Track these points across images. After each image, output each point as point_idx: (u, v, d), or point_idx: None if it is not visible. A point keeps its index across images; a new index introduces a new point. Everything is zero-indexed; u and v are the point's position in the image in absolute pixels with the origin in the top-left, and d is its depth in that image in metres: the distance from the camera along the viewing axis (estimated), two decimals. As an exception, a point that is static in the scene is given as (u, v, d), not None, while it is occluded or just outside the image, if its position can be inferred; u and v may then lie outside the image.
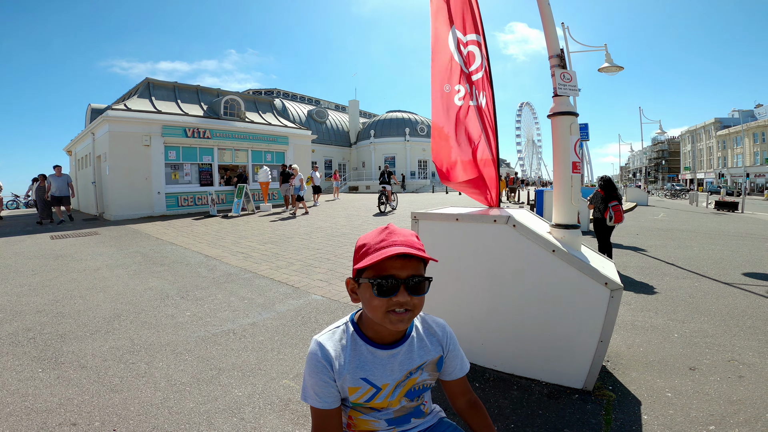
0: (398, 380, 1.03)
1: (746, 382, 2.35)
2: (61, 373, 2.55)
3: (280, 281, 4.81)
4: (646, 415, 2.04)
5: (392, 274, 0.93)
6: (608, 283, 2.13)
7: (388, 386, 1.03)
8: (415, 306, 0.96)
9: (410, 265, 0.94)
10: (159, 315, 3.63)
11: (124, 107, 12.88)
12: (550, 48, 2.54)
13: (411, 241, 0.96)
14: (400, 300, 0.93)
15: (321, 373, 0.99)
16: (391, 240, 0.96)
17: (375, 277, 0.94)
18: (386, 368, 1.03)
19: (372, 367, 1.02)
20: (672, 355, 2.75)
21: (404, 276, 0.94)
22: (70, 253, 6.80)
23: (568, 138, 2.43)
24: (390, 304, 0.94)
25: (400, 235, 0.97)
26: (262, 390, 2.33)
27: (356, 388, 1.01)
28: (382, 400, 1.03)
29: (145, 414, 2.09)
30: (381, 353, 1.03)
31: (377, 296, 0.94)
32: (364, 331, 1.05)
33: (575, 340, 2.25)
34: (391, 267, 0.93)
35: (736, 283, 4.72)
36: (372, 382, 1.01)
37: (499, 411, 2.09)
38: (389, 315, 0.95)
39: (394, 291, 0.93)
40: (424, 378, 1.07)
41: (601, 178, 6.00)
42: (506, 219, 2.35)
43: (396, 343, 1.05)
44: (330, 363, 0.99)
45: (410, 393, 1.06)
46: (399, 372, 1.03)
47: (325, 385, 0.99)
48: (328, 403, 0.99)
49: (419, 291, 0.96)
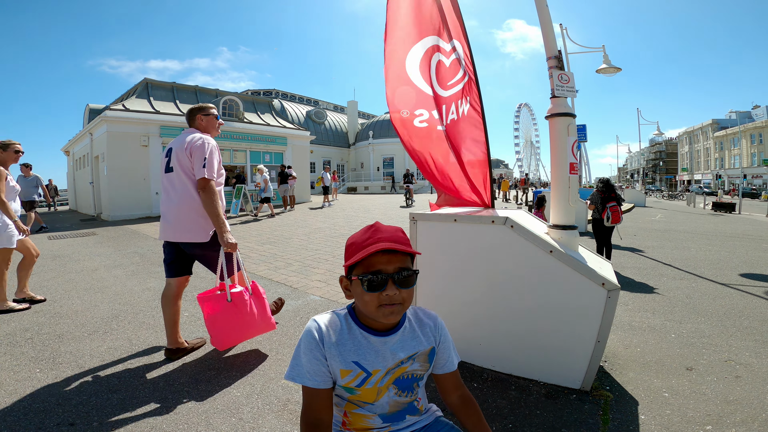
0: (389, 367, 1.06)
1: (743, 382, 2.36)
2: (59, 373, 2.54)
3: (279, 282, 4.81)
4: (643, 414, 2.05)
5: (380, 270, 0.98)
6: (605, 284, 2.14)
7: (379, 372, 1.05)
8: (405, 299, 1.01)
9: (396, 259, 0.99)
10: (157, 315, 3.62)
11: (122, 107, 12.87)
12: (548, 49, 2.55)
13: (396, 236, 1.02)
14: (389, 294, 0.98)
15: (315, 350, 1.03)
16: (376, 237, 1.01)
17: (364, 274, 0.99)
18: (378, 354, 1.06)
19: (365, 351, 1.05)
20: (669, 355, 2.77)
21: (391, 270, 0.99)
22: (68, 253, 6.79)
23: (565, 139, 2.44)
24: (380, 298, 0.98)
25: (385, 231, 1.03)
26: (261, 390, 2.33)
27: (348, 371, 1.03)
28: (372, 386, 1.05)
29: (143, 414, 2.09)
30: (374, 339, 1.07)
31: (367, 291, 0.99)
32: (360, 318, 1.09)
33: (573, 341, 2.26)
34: (378, 263, 0.99)
35: (733, 283, 4.74)
36: (363, 366, 1.04)
37: (497, 411, 2.10)
38: (381, 309, 0.99)
39: (383, 285, 0.98)
40: (415, 368, 1.10)
41: (599, 180, 6.03)
42: (504, 220, 2.36)
43: (389, 331, 1.09)
44: (323, 342, 1.04)
45: (399, 381, 1.08)
46: (391, 359, 1.06)
47: (318, 362, 1.02)
48: (319, 382, 1.02)
49: (407, 284, 1.01)
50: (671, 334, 3.14)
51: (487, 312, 2.50)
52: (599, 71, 12.05)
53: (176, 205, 2.63)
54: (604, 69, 11.88)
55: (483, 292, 2.50)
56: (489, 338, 2.53)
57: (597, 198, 5.80)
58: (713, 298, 4.15)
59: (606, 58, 11.91)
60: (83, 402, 2.20)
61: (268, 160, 16.55)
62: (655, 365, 2.61)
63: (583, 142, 12.92)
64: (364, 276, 0.99)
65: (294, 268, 5.50)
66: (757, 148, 46.69)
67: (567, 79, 2.53)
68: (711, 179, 53.60)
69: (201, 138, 2.65)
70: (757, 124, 46.70)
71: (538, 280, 2.32)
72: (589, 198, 6.19)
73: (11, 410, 2.12)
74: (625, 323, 3.38)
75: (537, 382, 2.37)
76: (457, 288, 2.59)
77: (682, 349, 2.85)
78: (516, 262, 2.38)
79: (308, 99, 42.65)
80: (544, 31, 2.55)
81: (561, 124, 2.45)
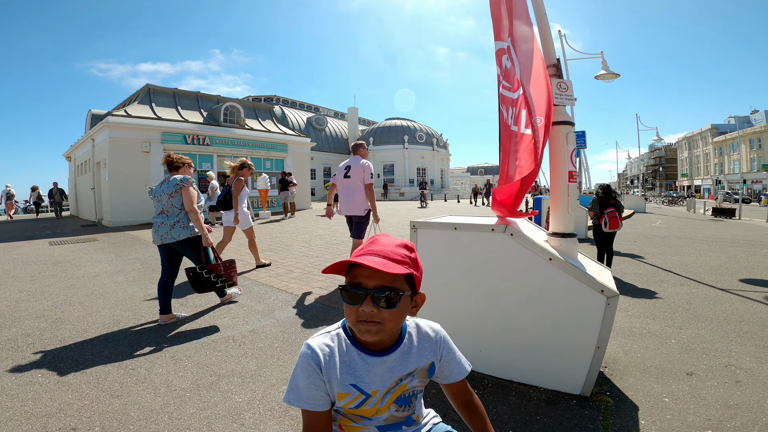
0: (388, 386, 1.02)
1: (743, 387, 2.37)
2: (60, 378, 2.56)
3: (280, 288, 4.82)
4: (643, 420, 2.06)
5: (359, 282, 0.94)
6: (604, 291, 2.15)
7: (378, 392, 1.01)
8: (384, 319, 0.93)
9: (379, 276, 0.92)
10: (158, 321, 3.63)
11: (124, 113, 12.95)
12: (547, 57, 2.58)
13: (388, 252, 0.95)
14: (365, 310, 0.92)
15: (312, 376, 0.98)
16: (367, 249, 0.97)
17: (347, 284, 0.96)
18: (377, 375, 1.01)
19: (362, 373, 1.00)
20: (669, 360, 2.77)
21: (371, 286, 0.92)
22: (69, 259, 6.80)
23: (564, 147, 2.47)
24: (358, 312, 0.93)
25: (380, 245, 0.97)
26: (262, 396, 2.34)
27: (345, 393, 0.99)
28: (371, 407, 1.02)
29: (145, 419, 2.10)
30: (372, 359, 1.01)
31: (345, 303, 0.96)
32: (355, 337, 1.03)
33: (573, 347, 2.27)
34: (360, 275, 0.94)
35: (734, 289, 4.75)
36: (361, 389, 1.00)
37: (498, 417, 2.10)
38: (359, 324, 0.95)
39: (359, 300, 0.93)
40: (414, 384, 1.07)
41: (599, 186, 6.06)
42: (504, 228, 2.38)
43: (388, 349, 1.03)
44: (320, 367, 0.98)
45: (400, 400, 1.05)
46: (389, 378, 1.02)
47: (316, 388, 0.98)
48: (318, 405, 0.99)
49: (388, 304, 0.93)
50: (671, 340, 3.15)
51: (487, 319, 2.51)
52: (598, 77, 12.15)
53: (352, 195, 4.79)
54: (603, 75, 11.97)
55: (483, 299, 2.52)
56: (489, 345, 2.54)
57: (596, 204, 5.83)
58: (713, 303, 4.15)
59: (605, 64, 12.02)
60: (85, 407, 2.21)
61: (269, 166, 16.62)
62: (655, 370, 2.62)
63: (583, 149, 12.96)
64: (345, 286, 0.96)
65: (295, 275, 5.51)
66: (756, 153, 46.77)
67: (566, 87, 2.56)
68: (711, 185, 53.65)
69: (367, 161, 4.88)
70: (756, 128, 46.84)
71: (537, 288, 2.34)
72: (589, 204, 6.22)
73: (13, 414, 2.13)
74: (626, 329, 3.39)
75: (537, 388, 2.37)
76: (457, 295, 2.60)
77: (682, 355, 2.86)
78: (516, 270, 2.39)
79: (309, 105, 42.90)
80: (543, 41, 2.57)
81: (560, 132, 2.48)
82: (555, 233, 2.50)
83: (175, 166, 3.79)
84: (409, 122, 39.69)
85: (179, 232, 3.62)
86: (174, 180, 3.65)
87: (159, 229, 3.64)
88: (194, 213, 3.63)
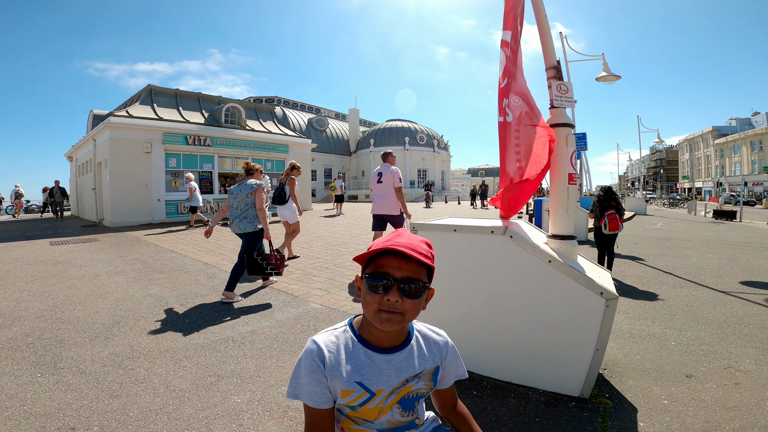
0: (394, 386, 1.01)
1: (742, 389, 2.36)
2: (60, 378, 2.56)
3: (279, 290, 4.83)
4: (642, 422, 2.05)
5: (387, 272, 0.94)
6: (604, 293, 2.15)
7: (383, 392, 1.01)
8: (407, 310, 0.95)
9: (408, 267, 0.94)
10: (158, 322, 3.64)
11: (126, 114, 12.96)
12: (547, 60, 2.59)
13: (415, 245, 0.96)
14: (390, 299, 0.93)
15: (315, 373, 0.98)
16: (395, 240, 0.97)
17: (372, 273, 0.96)
18: (383, 373, 1.01)
19: (368, 371, 1.00)
20: (669, 362, 2.77)
21: (399, 276, 0.93)
22: (70, 259, 6.81)
23: (564, 149, 2.47)
24: (381, 302, 0.94)
25: (405, 237, 0.98)
26: (261, 397, 2.34)
27: (350, 391, 0.98)
28: (375, 406, 1.01)
29: (144, 419, 2.10)
30: (378, 357, 1.01)
31: (369, 292, 0.95)
32: (362, 335, 1.04)
33: (572, 349, 2.27)
34: (387, 265, 0.94)
35: (734, 291, 4.74)
36: (367, 387, 0.99)
37: (497, 419, 2.10)
38: (380, 314, 0.95)
39: (386, 289, 0.94)
40: (419, 387, 1.06)
41: (600, 188, 6.05)
42: (503, 230, 2.39)
43: (395, 348, 1.03)
44: (324, 363, 0.98)
45: (403, 401, 1.04)
46: (396, 378, 1.01)
47: (319, 384, 0.98)
48: (320, 402, 0.98)
49: (413, 295, 0.95)
50: (671, 342, 3.14)
51: (486, 321, 2.51)
52: (599, 79, 12.14)
53: (385, 198, 5.50)
54: (604, 77, 11.97)
55: (483, 301, 2.52)
56: (488, 346, 2.54)
57: (596, 206, 5.83)
58: (714, 305, 4.15)
59: (606, 66, 12.01)
60: (84, 407, 2.21)
61: (270, 167, 16.61)
62: (654, 373, 2.61)
63: (584, 151, 12.96)
64: (370, 275, 0.95)
65: (294, 276, 5.51)
66: (757, 155, 46.70)
67: (566, 89, 2.57)
68: (712, 187, 53.57)
69: (396, 168, 5.56)
70: (758, 131, 46.75)
71: (537, 290, 2.34)
72: (591, 207, 6.22)
73: (12, 414, 2.13)
74: (626, 331, 3.38)
75: (536, 390, 2.37)
76: (457, 297, 2.60)
77: (681, 357, 2.86)
78: (515, 272, 2.40)
79: (310, 106, 42.90)
80: (543, 42, 2.58)
81: (560, 135, 2.48)
82: (555, 235, 2.50)
83: (250, 172, 4.73)
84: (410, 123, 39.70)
85: (245, 225, 4.45)
86: (250, 183, 4.54)
87: (233, 222, 4.51)
88: (262, 212, 4.45)
